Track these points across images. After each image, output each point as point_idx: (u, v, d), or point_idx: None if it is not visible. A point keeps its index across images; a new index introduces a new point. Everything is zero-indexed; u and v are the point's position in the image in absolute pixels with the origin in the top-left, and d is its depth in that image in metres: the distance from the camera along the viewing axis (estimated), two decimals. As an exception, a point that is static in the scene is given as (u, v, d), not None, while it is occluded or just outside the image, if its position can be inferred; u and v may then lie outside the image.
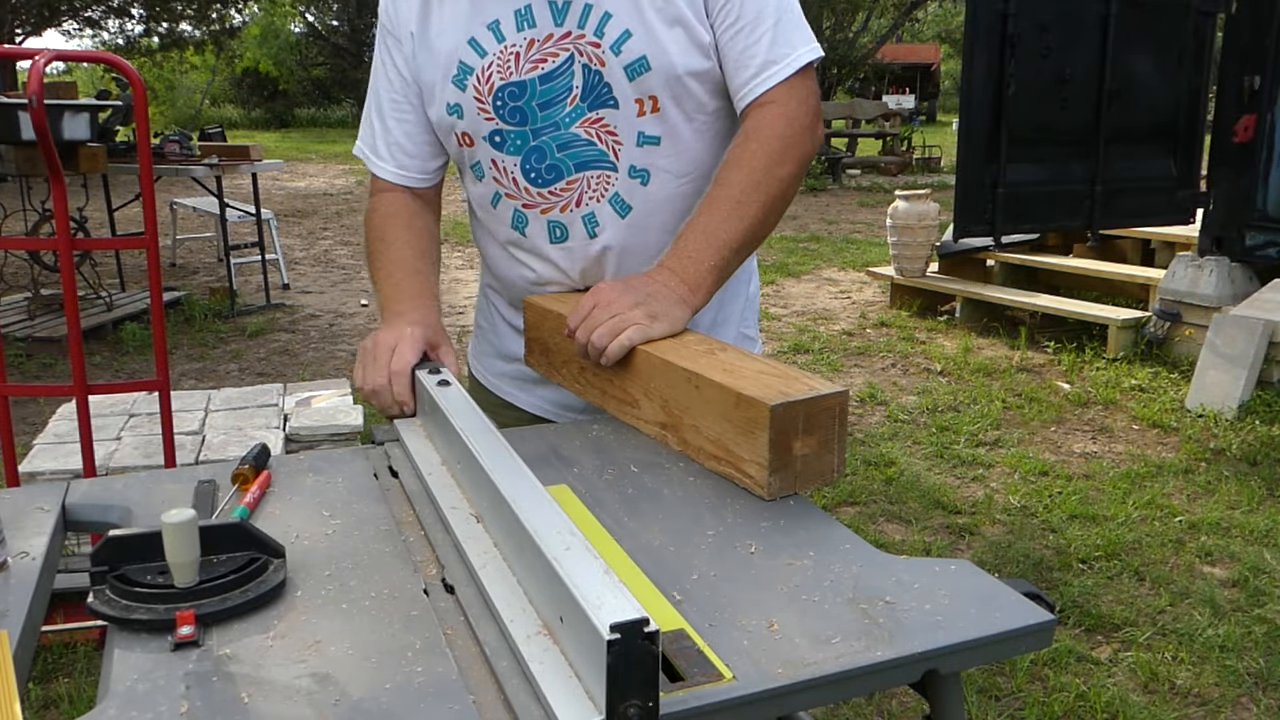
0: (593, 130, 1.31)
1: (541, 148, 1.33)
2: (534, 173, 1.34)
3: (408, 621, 0.80)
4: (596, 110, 1.30)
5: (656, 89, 1.28)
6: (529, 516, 0.80)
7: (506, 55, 1.29)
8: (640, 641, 0.63)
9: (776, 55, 1.29)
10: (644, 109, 1.30)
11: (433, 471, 1.05)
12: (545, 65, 1.28)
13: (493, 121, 1.32)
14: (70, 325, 2.37)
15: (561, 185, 1.34)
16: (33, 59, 2.20)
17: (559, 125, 1.31)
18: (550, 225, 1.36)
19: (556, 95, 1.30)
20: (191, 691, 0.70)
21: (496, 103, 1.31)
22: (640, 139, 1.31)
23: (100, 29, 20.02)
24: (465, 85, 1.32)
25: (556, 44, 1.28)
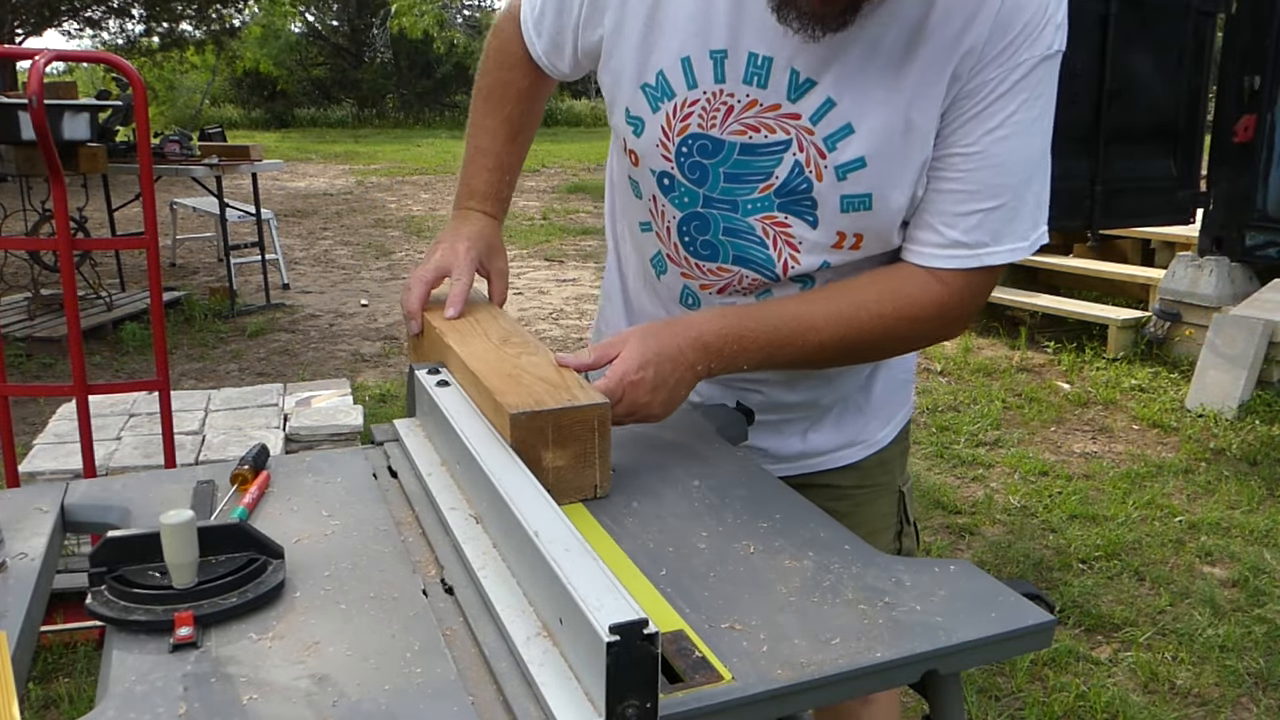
0: (772, 231, 1.13)
1: (708, 219, 1.15)
2: (689, 239, 1.19)
3: (407, 622, 0.80)
4: (788, 215, 1.11)
5: (866, 230, 1.10)
6: (528, 517, 0.80)
7: (718, 102, 1.08)
8: (640, 643, 0.63)
9: (977, 241, 1.07)
10: (843, 243, 1.12)
11: (432, 472, 1.05)
12: (756, 136, 1.08)
13: (669, 164, 1.14)
14: (70, 325, 2.37)
15: (713, 267, 1.19)
16: (33, 59, 2.20)
17: (737, 207, 1.13)
18: (685, 290, 1.24)
19: (751, 174, 1.10)
20: (190, 693, 0.70)
21: (682, 148, 1.12)
22: (823, 265, 1.14)
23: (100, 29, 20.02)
24: (659, 108, 1.12)
25: (778, 120, 1.07)
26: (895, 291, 1.10)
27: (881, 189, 1.07)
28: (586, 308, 6.64)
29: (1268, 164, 4.85)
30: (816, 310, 1.10)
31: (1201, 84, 4.75)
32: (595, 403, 0.98)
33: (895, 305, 1.10)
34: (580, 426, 0.98)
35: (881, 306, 1.10)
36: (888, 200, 1.07)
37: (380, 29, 29.50)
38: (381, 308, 6.69)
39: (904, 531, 1.41)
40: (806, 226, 1.11)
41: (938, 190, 1.07)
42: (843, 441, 1.34)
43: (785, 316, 1.10)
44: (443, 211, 11.13)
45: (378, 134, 24.87)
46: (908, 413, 1.41)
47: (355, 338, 5.96)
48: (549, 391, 1.00)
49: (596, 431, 0.99)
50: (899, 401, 1.38)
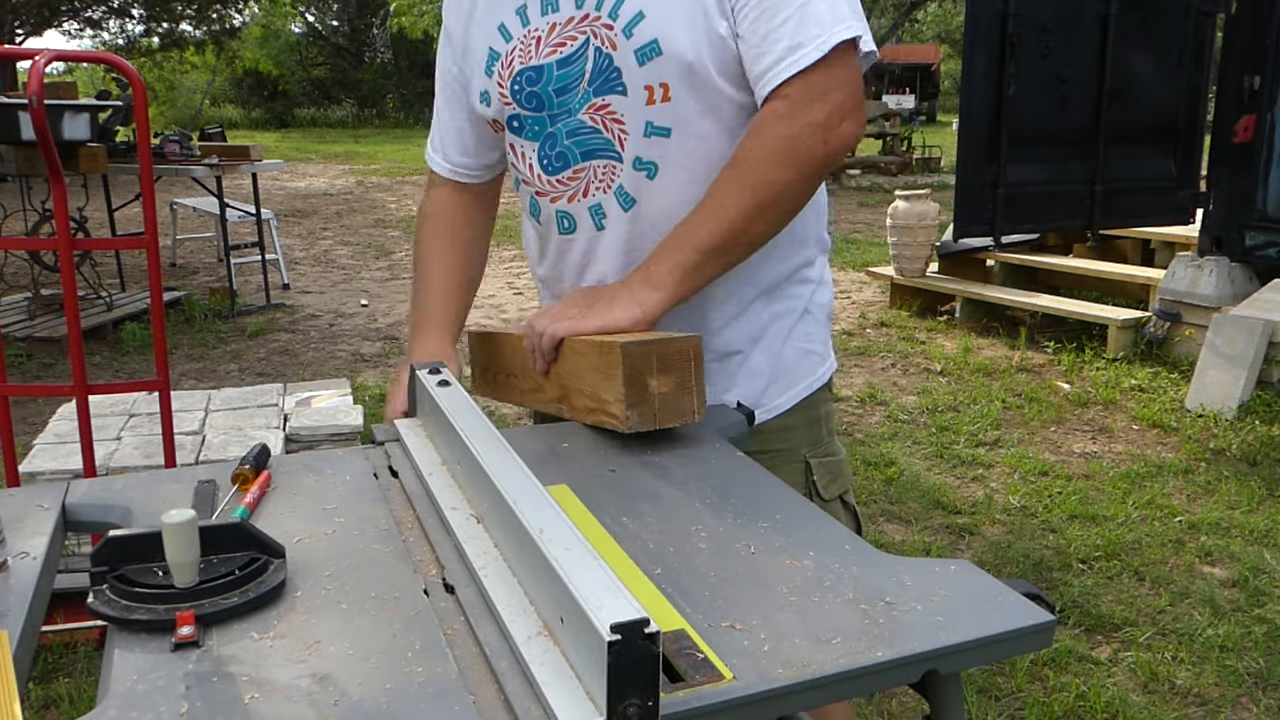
0: (598, 117, 1.26)
1: (555, 134, 1.29)
2: (546, 160, 1.31)
3: (408, 622, 0.80)
4: (603, 96, 1.24)
5: (668, 76, 1.21)
6: (529, 517, 0.80)
7: (529, 40, 1.27)
8: (641, 642, 0.63)
9: (801, 39, 1.15)
10: (654, 97, 1.22)
11: (433, 471, 1.05)
12: (564, 49, 1.25)
13: (511, 106, 1.31)
14: (70, 325, 2.37)
15: (569, 174, 1.30)
16: (33, 59, 2.20)
17: (570, 111, 1.27)
18: (559, 216, 1.34)
19: (571, 81, 1.25)
20: (191, 692, 0.70)
21: (514, 87, 1.29)
22: (648, 129, 1.24)
23: (100, 29, 20.02)
24: (492, 71, 1.31)
25: (576, 27, 1.23)
26: (751, 131, 1.20)
27: (665, 31, 1.19)
28: (586, 308, 6.64)
29: (1268, 164, 4.85)
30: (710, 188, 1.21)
31: (1201, 84, 4.76)
32: (689, 335, 1.15)
33: (757, 140, 1.19)
34: (679, 356, 1.13)
35: (759, 153, 1.18)
36: (674, 41, 1.19)
37: (380, 29, 29.49)
38: (381, 308, 6.69)
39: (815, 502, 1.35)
40: (619, 97, 1.24)
41: (751, 26, 1.18)
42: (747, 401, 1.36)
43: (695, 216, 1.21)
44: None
45: (378, 134, 24.87)
46: (813, 384, 1.40)
47: (355, 338, 5.96)
48: (644, 337, 1.14)
49: (692, 361, 1.13)
50: (802, 371, 1.39)
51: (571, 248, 1.35)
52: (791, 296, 1.38)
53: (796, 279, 1.38)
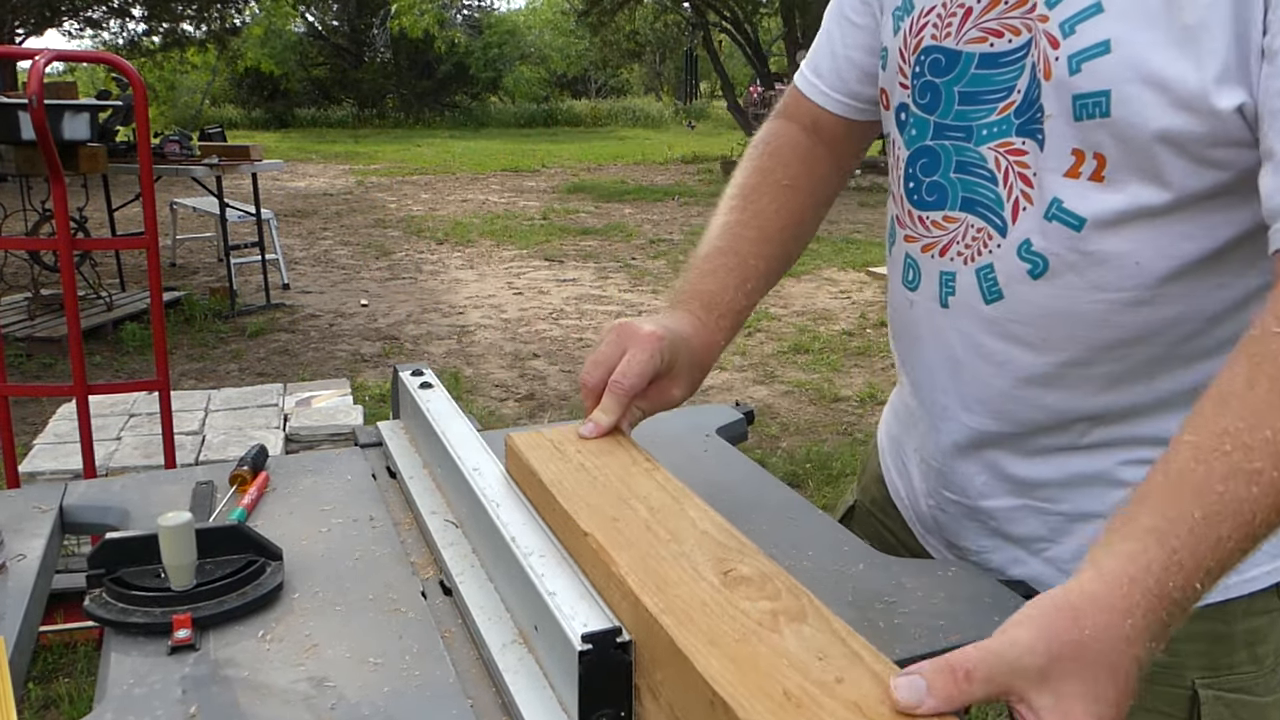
0: (1004, 161, 0.84)
1: (938, 154, 0.90)
2: (914, 183, 0.93)
3: (406, 624, 0.79)
4: (1024, 138, 0.82)
5: (1107, 148, 0.77)
6: (506, 523, 0.80)
7: (954, 5, 0.86)
8: (613, 651, 0.63)
9: None
10: (1080, 168, 0.79)
11: (414, 475, 1.04)
12: (1000, 41, 0.82)
13: (905, 90, 0.92)
14: (70, 325, 2.37)
15: (938, 217, 0.91)
16: (33, 59, 2.20)
17: (970, 135, 0.86)
18: (906, 262, 0.97)
19: (989, 91, 0.84)
20: (188, 695, 0.70)
21: (916, 68, 0.90)
22: (1052, 208, 0.81)
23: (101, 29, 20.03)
24: (899, 27, 0.92)
25: (1024, 18, 0.80)
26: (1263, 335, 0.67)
27: (1123, 84, 0.74)
28: (586, 308, 6.64)
29: (1268, 164, 4.84)
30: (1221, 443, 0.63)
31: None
32: None
33: None
34: None
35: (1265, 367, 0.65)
36: (1131, 100, 0.73)
37: (380, 29, 29.51)
38: (381, 308, 6.69)
39: None
40: (1036, 147, 0.81)
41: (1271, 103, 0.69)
42: None
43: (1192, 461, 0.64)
44: (443, 211, 11.14)
45: (378, 134, 24.88)
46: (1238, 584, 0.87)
47: (355, 338, 5.96)
48: None
49: None
50: None
51: (905, 308, 0.98)
52: None
53: None
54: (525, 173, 15.33)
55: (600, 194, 12.67)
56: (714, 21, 18.12)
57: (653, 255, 8.50)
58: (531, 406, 4.64)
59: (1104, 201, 0.79)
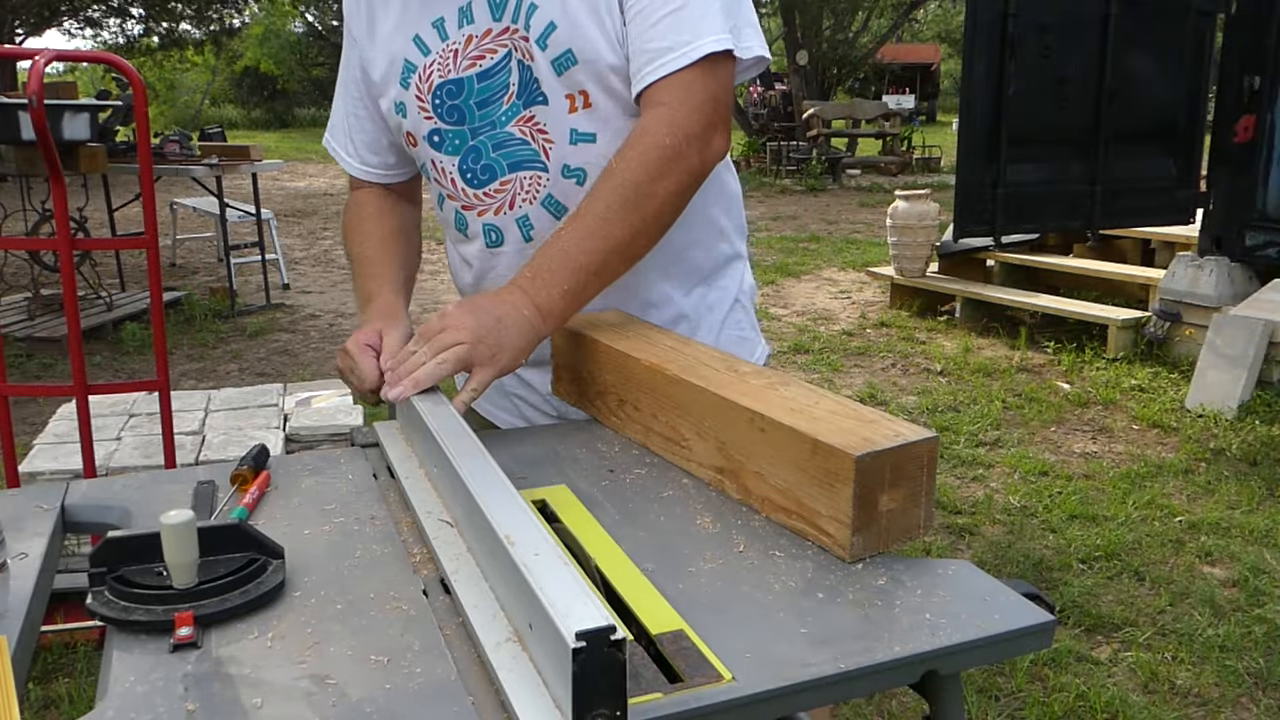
0: (526, 129, 1.25)
1: (479, 148, 1.28)
2: (470, 173, 1.29)
3: (407, 622, 0.80)
4: (530, 108, 1.23)
5: (586, 83, 1.21)
6: (500, 521, 0.80)
7: (447, 53, 1.25)
8: (607, 650, 0.63)
9: (674, 43, 1.16)
10: (575, 104, 1.22)
11: (409, 475, 1.05)
12: (483, 62, 1.24)
13: (432, 121, 1.29)
14: (70, 325, 2.37)
15: (495, 186, 1.29)
16: (33, 59, 2.20)
17: (495, 124, 1.26)
18: (486, 229, 1.32)
19: (494, 93, 1.25)
20: (190, 693, 0.70)
21: (435, 101, 1.27)
22: (573, 136, 1.24)
23: (100, 29, 20.02)
24: (409, 83, 1.28)
25: (495, 40, 1.22)
26: (632, 140, 1.16)
27: (575, 39, 1.18)
28: (586, 308, 6.64)
29: (1268, 164, 4.85)
30: (591, 202, 1.15)
31: (1201, 84, 4.75)
32: (926, 437, 0.91)
33: (638, 150, 1.15)
34: (913, 464, 0.91)
35: (636, 166, 1.14)
36: (586, 48, 1.18)
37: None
38: (381, 308, 6.68)
39: None
40: (542, 107, 1.22)
41: (631, 25, 1.18)
42: None
43: (571, 223, 1.16)
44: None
45: (378, 134, 24.83)
46: None
47: (355, 338, 5.96)
48: (859, 426, 0.92)
49: (926, 469, 0.92)
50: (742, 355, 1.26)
51: (499, 260, 1.33)
52: (722, 287, 1.39)
53: (726, 270, 1.40)
54: (525, 173, 15.31)
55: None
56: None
57: (652, 255, 8.49)
58: (531, 406, 4.64)
59: (601, 118, 1.23)
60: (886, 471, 0.89)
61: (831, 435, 0.90)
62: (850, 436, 0.90)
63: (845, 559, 0.89)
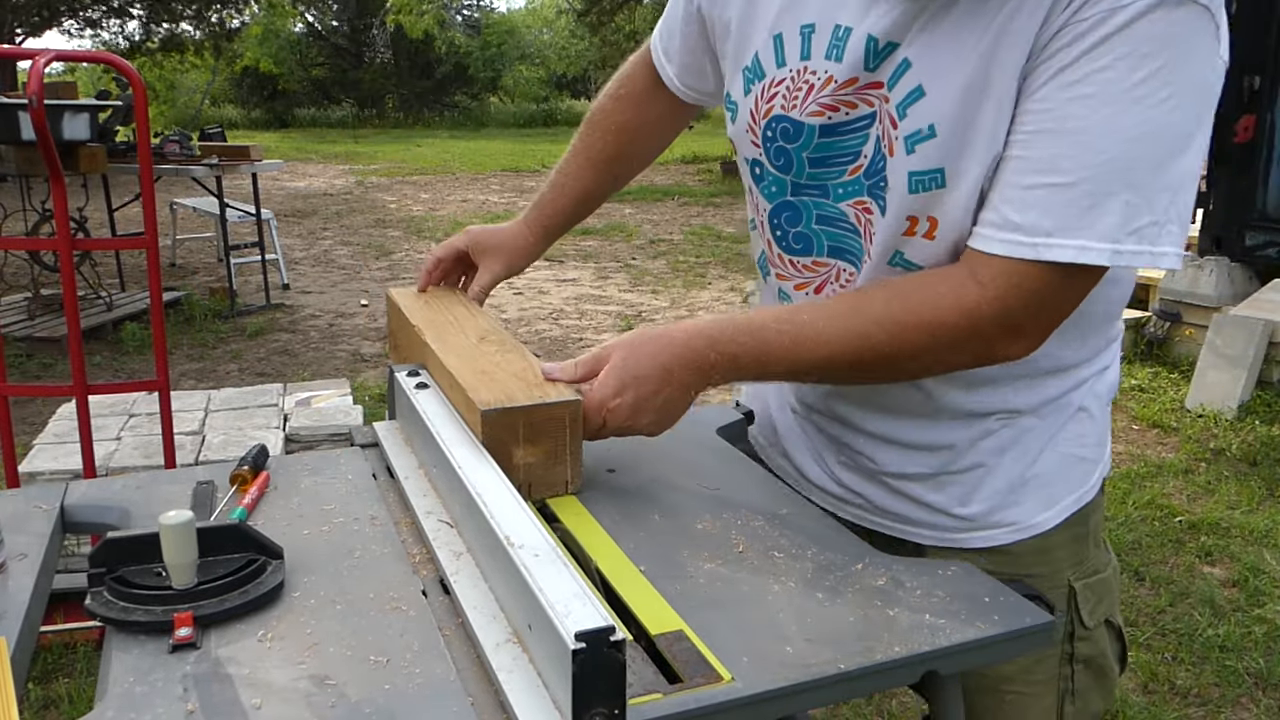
0: (863, 218, 0.99)
1: (798, 209, 1.04)
2: (781, 231, 1.07)
3: (406, 623, 0.80)
4: (870, 197, 0.98)
5: (941, 216, 0.93)
6: (501, 523, 0.80)
7: (800, 80, 0.98)
8: (606, 650, 0.63)
9: (1030, 224, 0.86)
10: (915, 230, 0.95)
11: (409, 475, 1.04)
12: (836, 114, 0.96)
13: (757, 149, 1.05)
14: (70, 325, 2.37)
15: (807, 262, 1.06)
16: (33, 59, 2.20)
17: (827, 192, 1.00)
18: (780, 294, 1.11)
19: (836, 156, 0.98)
20: (189, 693, 0.70)
21: (767, 132, 1.03)
22: (895, 258, 0.98)
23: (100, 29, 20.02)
24: (750, 90, 1.04)
25: (859, 94, 0.94)
26: (920, 294, 0.92)
27: (954, 164, 0.90)
28: (586, 308, 6.64)
29: (1268, 164, 4.85)
30: (826, 318, 0.95)
31: (1201, 84, 4.75)
32: (566, 399, 0.97)
33: (916, 311, 0.91)
34: (552, 423, 0.97)
35: (899, 313, 0.92)
36: (960, 178, 0.90)
37: (380, 29, 29.51)
38: (381, 307, 6.68)
39: (1079, 635, 1.12)
40: (879, 212, 0.97)
41: (1004, 159, 0.88)
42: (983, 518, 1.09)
43: (787, 325, 0.95)
44: (443, 211, 11.14)
45: (378, 134, 24.88)
46: (1083, 497, 1.11)
47: (355, 338, 5.96)
48: (521, 388, 1.00)
49: (568, 429, 0.98)
50: (1070, 481, 1.10)
51: None
52: (1063, 405, 1.08)
53: (1068, 376, 1.07)
54: (525, 173, 15.33)
55: (600, 194, 12.64)
56: (714, 22, 18.05)
57: (652, 255, 8.50)
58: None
59: (936, 252, 0.96)
60: (520, 428, 0.96)
61: (485, 392, 0.99)
62: (498, 394, 0.98)
63: None
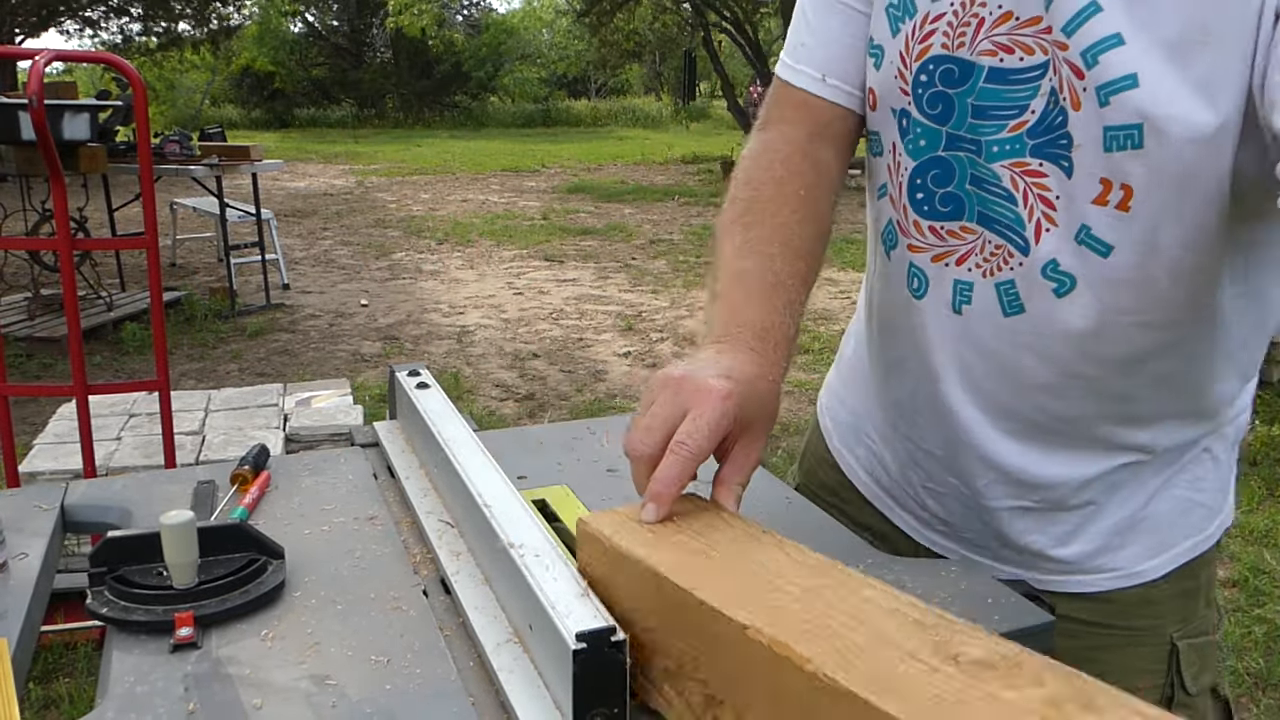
0: (1021, 182, 0.85)
1: (951, 165, 0.90)
2: (925, 193, 0.92)
3: (407, 622, 0.80)
4: (1041, 161, 0.83)
5: (1136, 180, 0.79)
6: (502, 522, 0.80)
7: (967, 14, 0.84)
8: (607, 650, 0.63)
9: None
10: (1108, 195, 0.80)
11: (410, 475, 1.05)
12: (1010, 57, 0.83)
13: (906, 97, 0.91)
14: (70, 325, 2.37)
15: (954, 227, 0.91)
16: (33, 59, 2.20)
17: (981, 149, 0.87)
18: (912, 270, 0.96)
19: (999, 107, 0.85)
20: (190, 693, 0.70)
21: (920, 76, 0.89)
22: (1081, 233, 0.83)
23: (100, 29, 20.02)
24: (899, 29, 0.90)
25: (1036, 37, 0.81)
26: None
27: (1157, 117, 0.75)
28: (586, 308, 6.64)
29: (1268, 164, 4.85)
30: None
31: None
32: None
33: None
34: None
35: None
36: (1165, 133, 0.75)
37: (380, 29, 29.51)
38: (381, 307, 6.69)
39: (1178, 700, 1.00)
40: (1062, 174, 0.82)
41: None
42: (1083, 560, 0.99)
43: None
44: (443, 211, 11.14)
45: (378, 134, 24.88)
46: (1198, 546, 1.00)
47: (355, 338, 5.96)
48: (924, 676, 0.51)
49: None
50: (1185, 527, 0.99)
51: (909, 314, 0.98)
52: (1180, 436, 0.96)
53: (1216, 417, 0.97)
54: (525, 173, 15.33)
55: (600, 194, 12.67)
56: (714, 22, 18.11)
57: (653, 255, 8.50)
58: (531, 406, 4.64)
59: (1130, 231, 0.81)
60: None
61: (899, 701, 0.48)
62: None
63: None
